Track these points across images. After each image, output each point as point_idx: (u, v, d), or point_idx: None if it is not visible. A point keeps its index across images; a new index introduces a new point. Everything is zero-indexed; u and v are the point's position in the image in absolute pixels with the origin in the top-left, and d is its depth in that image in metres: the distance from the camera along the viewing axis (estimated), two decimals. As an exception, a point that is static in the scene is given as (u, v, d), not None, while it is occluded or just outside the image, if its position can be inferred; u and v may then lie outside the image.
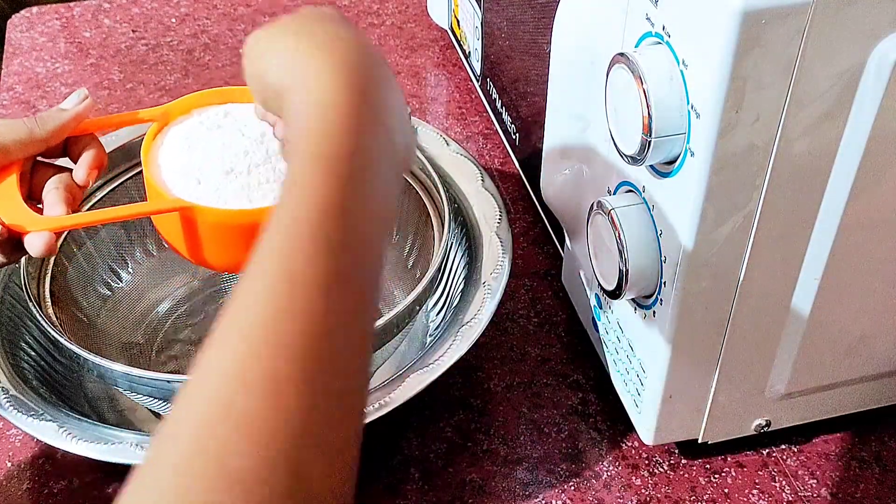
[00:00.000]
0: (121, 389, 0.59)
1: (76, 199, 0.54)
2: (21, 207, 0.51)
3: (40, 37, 1.01)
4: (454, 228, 0.66)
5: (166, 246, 0.71)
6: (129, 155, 0.67)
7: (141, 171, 0.69)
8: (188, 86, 0.94)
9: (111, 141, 0.68)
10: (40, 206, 0.53)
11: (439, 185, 0.65)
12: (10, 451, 0.62)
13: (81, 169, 0.54)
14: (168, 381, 0.53)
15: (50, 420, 0.54)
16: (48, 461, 0.62)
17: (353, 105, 0.37)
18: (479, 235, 0.66)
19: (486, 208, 0.67)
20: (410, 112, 0.72)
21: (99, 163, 0.54)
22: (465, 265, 0.65)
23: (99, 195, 0.67)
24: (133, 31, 1.01)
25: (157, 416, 0.63)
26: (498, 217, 0.66)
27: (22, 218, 0.51)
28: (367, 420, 0.54)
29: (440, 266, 0.61)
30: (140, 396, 0.57)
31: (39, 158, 0.55)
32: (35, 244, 0.50)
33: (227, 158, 0.53)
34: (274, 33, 0.42)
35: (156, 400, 0.56)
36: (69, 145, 0.55)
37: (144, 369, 0.56)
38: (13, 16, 1.04)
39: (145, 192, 0.54)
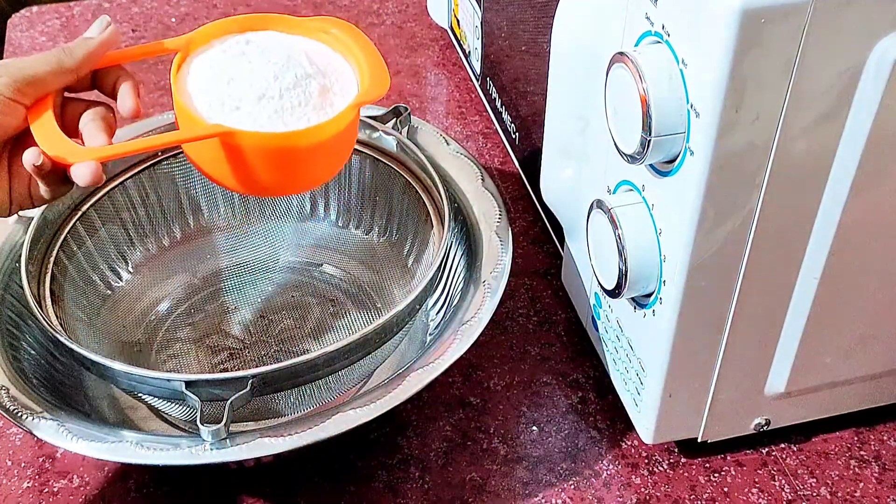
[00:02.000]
0: (121, 388, 0.59)
1: (112, 130, 0.53)
2: (62, 139, 0.50)
3: (40, 36, 1.01)
4: (454, 228, 0.66)
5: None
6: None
7: (138, 173, 0.69)
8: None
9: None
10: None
11: (439, 185, 0.65)
12: (11, 449, 0.62)
13: (128, 99, 0.53)
14: (168, 380, 0.53)
15: (50, 419, 0.54)
16: (48, 460, 0.62)
17: None
18: (479, 235, 0.66)
19: (485, 208, 0.67)
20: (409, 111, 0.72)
21: (137, 90, 0.54)
22: (464, 264, 0.65)
23: (98, 195, 0.67)
24: (133, 30, 1.01)
25: (158, 414, 0.63)
26: (498, 216, 0.66)
27: (64, 149, 0.50)
28: (368, 419, 0.54)
29: (440, 266, 0.61)
30: (140, 395, 0.58)
31: (67, 94, 0.54)
32: (82, 173, 0.49)
33: (257, 84, 0.53)
34: None
35: (156, 399, 0.56)
36: (99, 78, 0.54)
37: (144, 368, 0.56)
38: (13, 15, 1.04)
39: (176, 124, 0.54)
